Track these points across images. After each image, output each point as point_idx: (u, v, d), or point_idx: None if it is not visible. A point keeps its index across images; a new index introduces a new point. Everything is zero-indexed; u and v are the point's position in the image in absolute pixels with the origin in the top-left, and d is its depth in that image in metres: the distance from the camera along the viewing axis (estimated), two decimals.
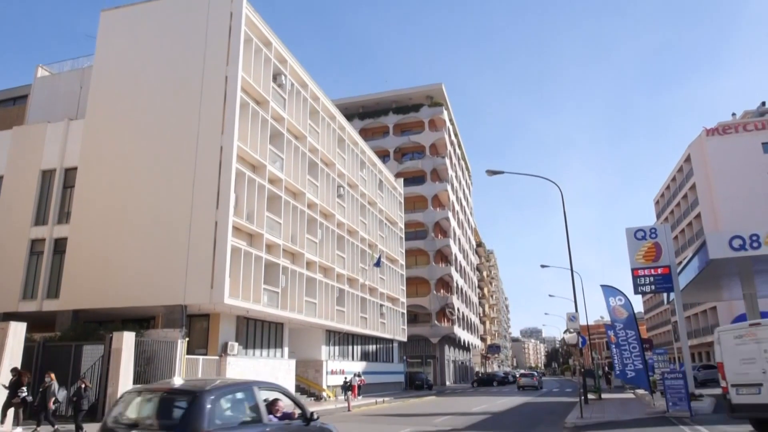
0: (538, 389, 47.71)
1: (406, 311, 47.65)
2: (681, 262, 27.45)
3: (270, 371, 25.16)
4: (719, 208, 53.03)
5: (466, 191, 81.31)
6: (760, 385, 11.68)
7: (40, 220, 24.48)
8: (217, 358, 22.45)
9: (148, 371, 19.30)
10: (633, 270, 22.51)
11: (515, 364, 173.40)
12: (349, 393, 27.66)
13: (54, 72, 30.65)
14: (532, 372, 62.50)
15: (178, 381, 7.02)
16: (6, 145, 25.88)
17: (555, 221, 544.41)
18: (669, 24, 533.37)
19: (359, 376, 32.60)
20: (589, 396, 26.17)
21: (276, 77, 27.51)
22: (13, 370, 14.28)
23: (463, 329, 66.01)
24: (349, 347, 37.17)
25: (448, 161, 62.35)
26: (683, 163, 61.14)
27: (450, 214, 60.98)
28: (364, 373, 35.28)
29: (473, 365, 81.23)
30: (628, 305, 23.36)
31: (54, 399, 14.57)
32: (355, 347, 38.03)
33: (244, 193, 23.10)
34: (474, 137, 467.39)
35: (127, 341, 18.37)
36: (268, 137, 25.68)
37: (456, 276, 62.29)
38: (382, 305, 40.70)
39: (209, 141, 22.64)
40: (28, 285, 23.71)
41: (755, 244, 19.15)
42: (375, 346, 41.80)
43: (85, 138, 24.57)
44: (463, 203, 75.41)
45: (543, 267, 45.09)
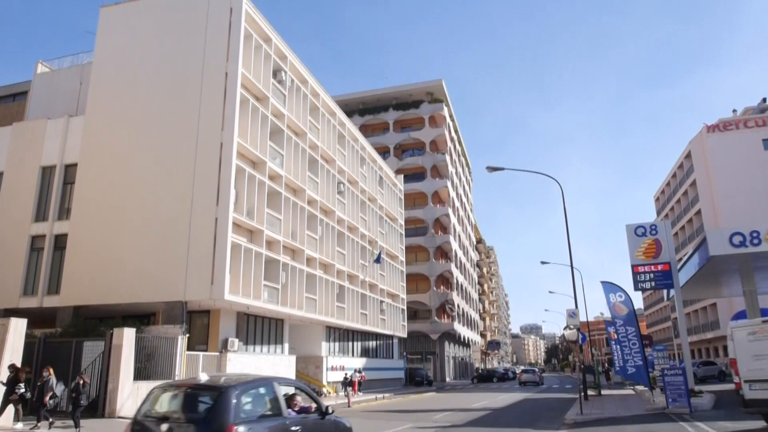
0: (539, 385, 48.15)
1: (406, 307, 47.73)
2: (681, 259, 27.47)
3: (270, 367, 25.20)
4: (719, 204, 53.02)
5: (467, 188, 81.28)
6: None
7: (41, 216, 24.50)
8: (217, 354, 22.49)
9: (149, 367, 19.34)
10: (633, 266, 22.51)
11: (515, 360, 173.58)
12: (350, 389, 27.73)
13: (54, 68, 30.61)
14: (533, 368, 62.95)
15: (203, 377, 7.33)
16: (6, 142, 25.89)
17: (555, 218, 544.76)
18: (670, 20, 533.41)
19: (359, 372, 32.65)
20: (589, 392, 26.20)
21: (276, 73, 27.48)
22: (11, 367, 14.25)
23: (463, 325, 66.09)
24: (350, 343, 37.23)
25: (448, 158, 62.30)
26: (684, 160, 61.12)
27: (450, 211, 60.98)
28: (364, 369, 35.32)
29: (473, 361, 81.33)
30: (629, 302, 23.40)
31: (51, 393, 14.53)
32: (355, 343, 38.09)
33: (244, 189, 23.10)
34: (474, 134, 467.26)
35: (127, 337, 18.42)
36: (268, 134, 25.66)
37: (456, 272, 62.33)
38: (382, 301, 40.75)
39: (209, 137, 22.64)
40: (29, 281, 23.74)
41: (755, 241, 19.15)
42: (375, 343, 41.87)
43: (85, 134, 24.57)
44: (463, 200, 75.39)
45: (543, 263, 45.39)
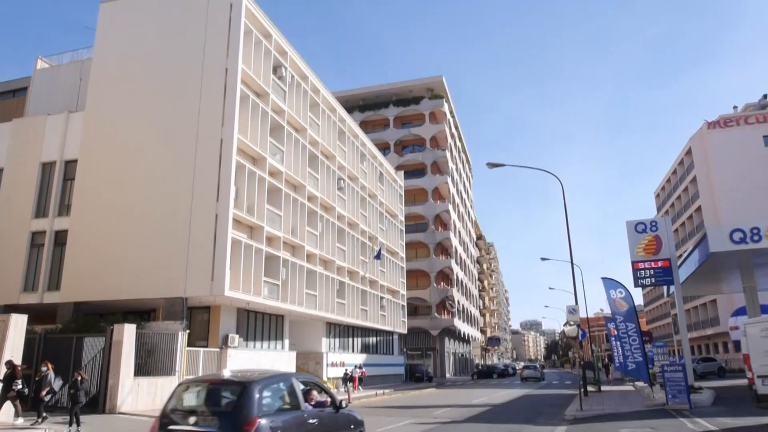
0: (541, 380, 48.52)
1: (406, 303, 47.78)
2: (681, 255, 27.48)
3: (270, 363, 25.23)
4: (720, 201, 52.99)
5: (467, 184, 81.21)
6: None
7: (41, 212, 24.50)
8: (217, 350, 22.52)
9: (149, 363, 19.37)
10: (633, 263, 22.51)
11: (515, 356, 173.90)
12: (350, 385, 27.74)
13: (54, 64, 30.56)
14: (534, 364, 63.41)
15: (227, 373, 7.77)
16: (6, 138, 25.87)
17: (555, 215, 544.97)
18: (670, 17, 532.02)
19: (360, 368, 32.68)
20: (589, 388, 26.22)
21: (276, 69, 27.43)
22: (8, 363, 14.11)
23: (463, 322, 66.14)
24: (350, 339, 37.26)
25: (448, 154, 62.23)
26: (684, 156, 61.05)
27: (450, 207, 60.95)
28: (365, 365, 35.38)
29: (473, 357, 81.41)
30: (629, 298, 23.38)
31: (49, 389, 14.47)
32: (355, 339, 38.13)
33: (245, 185, 23.08)
34: (474, 131, 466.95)
35: (127, 333, 18.44)
36: (269, 130, 25.63)
37: (456, 268, 62.35)
38: (382, 297, 40.78)
39: (209, 133, 22.61)
40: (29, 277, 23.76)
41: (756, 237, 19.15)
42: (375, 339, 41.92)
43: (85, 130, 24.55)
44: (464, 196, 75.35)
45: (543, 260, 45.43)
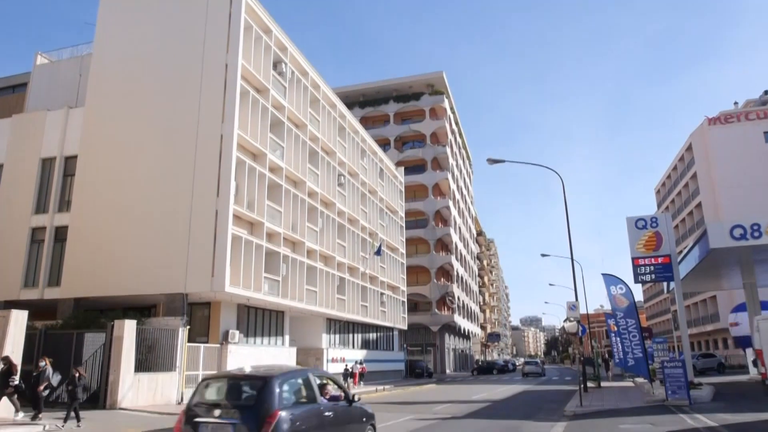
0: (542, 375, 48.92)
1: (406, 300, 47.82)
2: (681, 252, 27.47)
3: (271, 359, 25.26)
4: (720, 197, 52.96)
5: (467, 180, 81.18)
6: None
7: (41, 208, 24.49)
8: (218, 346, 22.54)
9: (150, 359, 19.40)
10: (633, 259, 22.51)
11: (515, 352, 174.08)
12: (350, 381, 27.81)
13: (53, 59, 30.50)
14: (535, 360, 64.04)
15: (248, 369, 8.33)
16: (6, 134, 25.84)
17: (555, 211, 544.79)
18: (670, 13, 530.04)
19: (360, 363, 32.74)
20: (589, 384, 26.28)
21: (276, 65, 27.37)
22: (4, 359, 14.04)
23: (463, 318, 66.23)
24: (350, 335, 37.31)
25: (448, 150, 62.19)
26: (684, 152, 60.99)
27: (450, 203, 60.96)
28: (365, 361, 35.44)
29: (473, 353, 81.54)
30: (629, 294, 23.39)
31: (47, 383, 14.46)
32: (355, 335, 38.18)
33: (245, 181, 23.07)
34: (475, 127, 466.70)
35: (128, 329, 18.46)
36: (269, 125, 25.60)
37: (456, 265, 62.39)
38: (382, 294, 40.81)
39: (209, 129, 22.58)
40: (29, 273, 23.77)
41: (756, 234, 19.17)
42: (375, 335, 41.97)
43: (85, 126, 24.52)
44: (464, 192, 75.33)
45: (543, 256, 45.42)
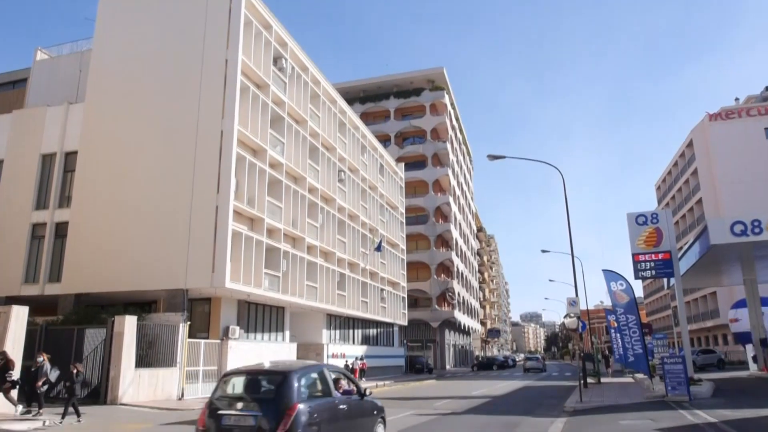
0: (543, 371, 49.38)
1: (406, 295, 47.86)
2: (682, 248, 27.48)
3: (271, 355, 25.31)
4: (721, 193, 52.92)
5: (467, 176, 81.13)
6: None
7: (41, 204, 24.49)
8: (218, 341, 22.58)
9: (150, 355, 19.44)
10: (634, 255, 22.49)
11: (515, 348, 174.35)
12: None
13: (53, 55, 30.46)
14: (536, 356, 64.63)
15: (267, 364, 8.76)
16: (6, 129, 25.82)
17: (556, 207, 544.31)
18: (671, 9, 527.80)
19: (361, 359, 32.78)
20: (589, 380, 26.28)
21: (276, 61, 27.32)
22: (1, 354, 14.02)
23: (464, 313, 66.30)
24: (350, 331, 37.36)
25: (449, 146, 62.11)
26: (685, 148, 60.91)
27: (451, 199, 60.93)
28: (365, 356, 35.48)
29: (473, 349, 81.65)
30: (629, 290, 23.39)
31: (45, 379, 14.45)
32: (355, 331, 38.23)
33: (245, 177, 23.06)
34: (475, 123, 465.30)
35: (128, 325, 18.49)
36: (269, 121, 25.57)
37: (456, 261, 62.41)
38: (382, 289, 40.84)
39: (209, 125, 22.56)
40: (30, 269, 23.79)
41: (757, 230, 19.16)
42: (376, 330, 42.02)
43: (85, 122, 24.49)
44: (464, 188, 75.27)
45: (544, 252, 45.62)
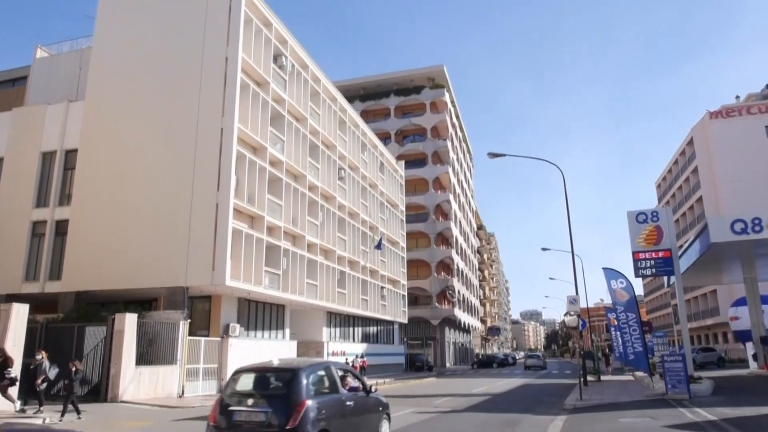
0: (544, 369, 49.97)
1: (406, 293, 47.87)
2: (682, 246, 27.48)
3: (272, 353, 25.30)
4: (721, 191, 52.91)
5: (468, 174, 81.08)
6: None
7: (41, 202, 24.49)
8: (218, 339, 22.60)
9: (151, 352, 19.45)
10: (634, 253, 22.48)
11: (515, 346, 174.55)
12: None
13: (53, 53, 30.43)
14: (537, 354, 65.15)
15: (276, 361, 9.05)
16: (6, 127, 25.80)
17: (556, 205, 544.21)
18: (672, 7, 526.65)
19: (361, 357, 32.80)
20: (589, 378, 26.31)
21: (276, 58, 27.28)
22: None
23: (464, 311, 66.33)
24: (350, 329, 37.38)
25: (449, 143, 62.07)
26: (686, 147, 60.89)
27: (451, 197, 60.91)
28: (366, 354, 35.52)
29: (473, 347, 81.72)
30: (630, 288, 23.37)
31: (44, 377, 14.45)
32: (356, 329, 38.25)
33: (245, 175, 23.04)
34: (475, 121, 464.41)
35: (129, 323, 18.50)
36: (269, 119, 25.55)
37: (457, 258, 62.42)
38: (383, 287, 40.86)
39: (209, 123, 22.54)
40: (31, 267, 23.81)
41: (757, 228, 19.16)
42: (376, 328, 42.05)
43: (85, 120, 24.48)
44: (464, 186, 75.25)
45: (544, 250, 45.47)
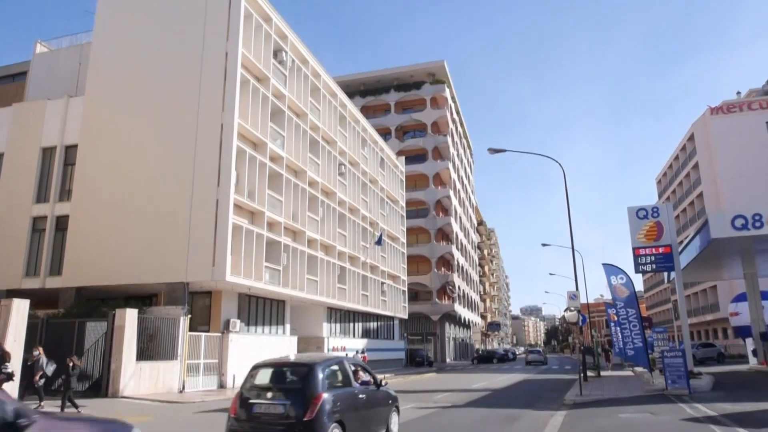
0: (544, 364, 50.45)
1: (407, 289, 47.93)
2: (682, 242, 27.48)
3: (272, 348, 25.33)
4: (722, 187, 52.84)
5: (468, 170, 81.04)
6: None
7: (42, 197, 24.49)
8: (219, 335, 22.63)
9: (151, 348, 19.48)
10: (634, 249, 22.48)
11: (515, 341, 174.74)
12: None
13: (53, 48, 30.36)
14: (538, 349, 66.08)
15: (292, 357, 9.47)
16: (6, 123, 25.78)
17: (556, 200, 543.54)
18: (672, 6, 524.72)
19: (362, 352, 32.85)
20: (588, 373, 26.35)
21: (276, 54, 27.22)
22: None
23: (464, 307, 66.42)
24: (351, 324, 37.43)
25: (449, 139, 62.02)
26: (686, 142, 60.78)
27: (451, 193, 60.90)
28: (366, 350, 35.57)
29: (473, 342, 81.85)
30: (630, 284, 23.39)
31: (41, 373, 14.47)
32: (356, 324, 38.30)
33: (245, 170, 23.03)
34: (476, 117, 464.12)
35: (129, 318, 18.52)
36: (269, 115, 25.52)
37: (457, 254, 62.45)
38: (383, 283, 40.89)
39: (210, 118, 22.51)
40: (31, 262, 23.82)
41: (757, 224, 19.14)
42: (376, 324, 42.10)
43: (85, 115, 24.45)
44: (465, 182, 75.22)
45: (544, 246, 45.42)
